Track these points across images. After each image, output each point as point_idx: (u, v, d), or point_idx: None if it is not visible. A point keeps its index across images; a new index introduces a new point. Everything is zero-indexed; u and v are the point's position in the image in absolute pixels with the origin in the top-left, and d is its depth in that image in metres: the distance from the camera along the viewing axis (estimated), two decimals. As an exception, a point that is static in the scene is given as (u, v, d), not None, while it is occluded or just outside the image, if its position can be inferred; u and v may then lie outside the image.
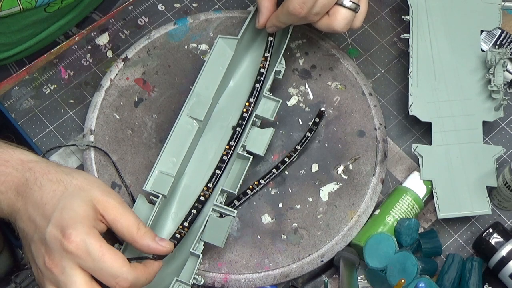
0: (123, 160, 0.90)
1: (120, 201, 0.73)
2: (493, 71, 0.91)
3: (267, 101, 0.89)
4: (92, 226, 0.70)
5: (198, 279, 0.81)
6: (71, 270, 0.68)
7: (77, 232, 0.68)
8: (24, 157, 0.74)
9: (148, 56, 0.96)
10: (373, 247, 0.85)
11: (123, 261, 0.69)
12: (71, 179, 0.73)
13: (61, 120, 0.95)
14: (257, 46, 0.95)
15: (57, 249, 0.68)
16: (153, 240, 0.73)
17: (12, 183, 0.73)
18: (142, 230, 0.73)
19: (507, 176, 0.87)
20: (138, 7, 1.02)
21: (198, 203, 0.85)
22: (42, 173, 0.73)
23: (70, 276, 0.68)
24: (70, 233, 0.68)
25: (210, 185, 0.86)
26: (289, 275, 0.86)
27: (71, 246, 0.68)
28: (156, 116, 0.93)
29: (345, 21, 0.85)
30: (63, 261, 0.68)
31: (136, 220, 0.73)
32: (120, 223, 0.72)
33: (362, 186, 0.90)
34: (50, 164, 0.74)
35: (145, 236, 0.73)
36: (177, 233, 0.81)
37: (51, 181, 0.72)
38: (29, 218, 0.71)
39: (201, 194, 0.85)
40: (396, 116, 0.97)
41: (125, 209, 0.73)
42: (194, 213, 0.84)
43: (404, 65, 1.00)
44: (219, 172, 0.86)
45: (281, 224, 0.88)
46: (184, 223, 0.83)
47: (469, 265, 0.86)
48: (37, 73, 0.97)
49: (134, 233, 0.72)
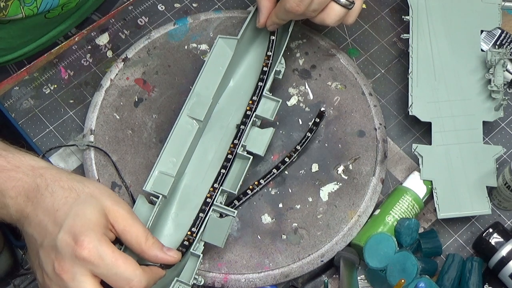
0: (123, 160, 0.90)
1: (130, 211, 0.74)
2: (493, 71, 0.91)
3: (267, 101, 0.89)
4: (103, 234, 0.70)
5: (198, 279, 0.81)
6: (82, 276, 0.68)
7: (90, 239, 0.69)
8: (35, 163, 0.74)
9: (148, 56, 0.96)
10: (373, 247, 0.85)
11: (135, 265, 0.70)
12: (83, 187, 0.73)
13: (61, 120, 0.95)
14: (257, 46, 0.95)
15: (68, 256, 0.68)
16: (161, 250, 0.74)
17: (22, 189, 0.73)
18: (150, 241, 0.74)
19: (507, 176, 0.87)
20: (138, 7, 1.02)
21: (205, 206, 0.84)
22: (54, 179, 0.73)
23: (80, 283, 0.68)
24: (83, 240, 0.68)
25: (216, 185, 0.85)
26: (289, 275, 0.86)
27: (84, 252, 0.68)
28: (156, 116, 0.93)
29: (337, 17, 0.87)
30: (74, 267, 0.68)
31: (145, 231, 0.74)
32: (129, 233, 0.73)
33: (362, 186, 0.90)
34: (61, 171, 0.75)
35: (153, 246, 0.74)
36: (186, 240, 0.81)
37: (63, 188, 0.72)
38: (39, 224, 0.71)
39: (208, 196, 0.84)
40: (396, 116, 0.97)
41: (134, 219, 0.74)
42: (201, 217, 0.83)
43: (404, 65, 1.00)
44: (224, 172, 0.86)
45: (281, 224, 0.88)
46: (192, 228, 0.82)
47: (469, 265, 0.86)
48: (37, 73, 0.97)
49: (143, 243, 0.73)
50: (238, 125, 0.89)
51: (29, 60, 1.01)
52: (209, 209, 0.83)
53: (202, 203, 0.84)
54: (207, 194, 0.84)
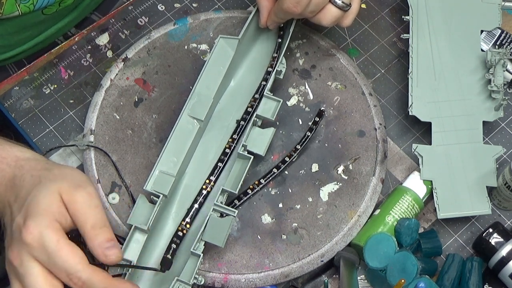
0: (123, 160, 0.90)
1: (87, 197, 0.68)
2: (493, 71, 0.92)
3: (267, 101, 0.89)
4: (54, 219, 0.67)
5: (198, 279, 0.81)
6: (28, 262, 0.65)
7: (36, 223, 0.66)
8: (21, 155, 0.73)
9: (148, 56, 0.96)
10: (373, 247, 0.85)
11: (80, 259, 0.65)
12: (49, 173, 0.71)
13: (61, 120, 0.95)
14: (258, 46, 0.95)
15: (16, 240, 0.66)
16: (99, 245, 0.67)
17: (3, 179, 0.72)
18: (97, 230, 0.67)
19: (507, 176, 0.87)
20: (138, 7, 1.02)
21: (200, 197, 0.85)
22: (30, 169, 0.71)
23: (28, 268, 0.65)
24: (29, 224, 0.66)
25: (212, 177, 0.86)
26: (289, 275, 0.86)
27: (28, 237, 0.65)
28: (156, 116, 0.93)
29: (333, 19, 0.88)
30: (21, 252, 0.66)
31: (96, 219, 0.68)
32: (78, 218, 0.68)
33: (362, 186, 0.90)
34: (42, 161, 0.73)
35: (96, 237, 0.67)
36: (180, 231, 0.81)
37: (32, 176, 0.71)
38: (11, 212, 0.70)
39: (203, 187, 0.85)
40: (396, 116, 0.97)
41: (89, 206, 0.68)
42: (196, 208, 0.84)
43: (404, 65, 1.00)
44: (221, 165, 0.86)
45: (281, 224, 0.88)
46: (186, 218, 0.83)
47: (469, 265, 0.86)
48: (37, 73, 0.97)
49: (87, 231, 0.67)
50: (238, 121, 0.89)
51: (29, 60, 1.01)
52: (204, 200, 0.84)
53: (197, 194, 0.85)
54: (202, 186, 0.85)
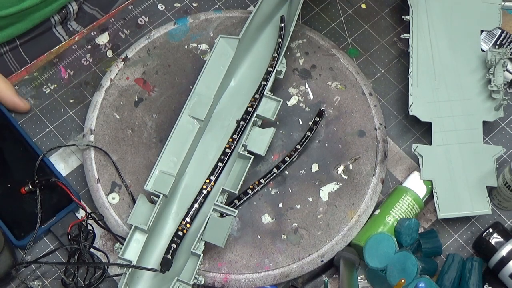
0: (123, 160, 0.90)
1: None
2: (493, 71, 0.92)
3: (268, 101, 0.89)
4: None
5: (198, 279, 0.81)
6: None
7: None
8: None
9: (148, 56, 0.96)
10: (373, 247, 0.85)
11: None
12: None
13: (61, 120, 0.95)
14: (259, 46, 0.95)
15: None
16: None
17: None
18: None
19: (507, 176, 0.87)
20: (138, 7, 1.02)
21: (200, 196, 0.85)
22: None
23: None
24: None
25: (213, 177, 0.86)
26: (289, 275, 0.86)
27: None
28: (156, 116, 0.93)
29: None
30: None
31: None
32: None
33: (362, 186, 0.90)
34: None
35: None
36: (180, 231, 0.81)
37: None
38: None
39: (203, 187, 0.85)
40: (396, 116, 0.97)
41: None
42: (196, 208, 0.84)
43: (404, 65, 1.00)
44: (221, 165, 0.86)
45: (281, 224, 0.88)
46: (186, 218, 0.83)
47: (469, 265, 0.86)
48: (37, 73, 0.97)
49: None
50: (239, 121, 0.89)
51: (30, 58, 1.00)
52: (204, 200, 0.84)
53: (196, 194, 0.85)
54: (202, 185, 0.85)
